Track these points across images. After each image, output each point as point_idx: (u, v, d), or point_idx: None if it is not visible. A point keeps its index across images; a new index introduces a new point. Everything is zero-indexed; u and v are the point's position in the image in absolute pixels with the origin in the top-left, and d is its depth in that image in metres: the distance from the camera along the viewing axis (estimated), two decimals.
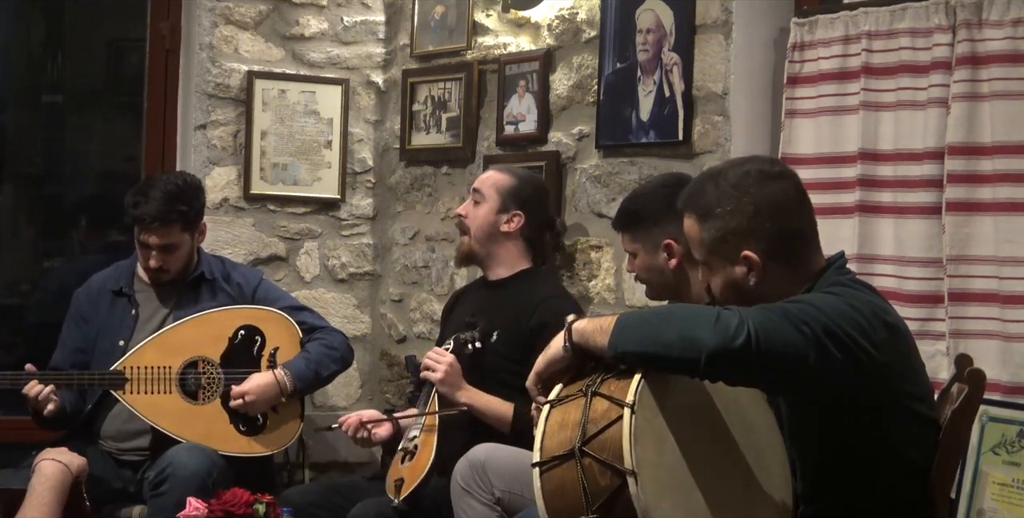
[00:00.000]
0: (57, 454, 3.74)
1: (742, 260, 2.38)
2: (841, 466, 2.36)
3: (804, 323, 2.18)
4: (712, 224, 2.41)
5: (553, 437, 2.22)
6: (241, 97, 4.73)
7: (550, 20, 4.23)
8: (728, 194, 2.39)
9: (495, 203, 3.70)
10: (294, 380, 3.96)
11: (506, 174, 3.77)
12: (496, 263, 3.72)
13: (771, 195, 2.38)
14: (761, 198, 2.38)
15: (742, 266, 2.38)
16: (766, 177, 2.40)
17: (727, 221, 2.39)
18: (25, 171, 5.34)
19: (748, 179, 2.40)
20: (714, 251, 2.42)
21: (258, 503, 3.40)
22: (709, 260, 2.44)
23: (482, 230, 3.69)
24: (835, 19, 3.43)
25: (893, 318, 2.36)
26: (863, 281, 2.45)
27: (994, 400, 3.00)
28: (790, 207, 2.40)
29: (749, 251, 2.37)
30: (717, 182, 2.42)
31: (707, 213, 2.41)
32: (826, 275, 2.39)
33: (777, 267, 2.38)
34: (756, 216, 2.37)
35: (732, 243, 2.39)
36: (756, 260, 2.37)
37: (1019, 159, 3.07)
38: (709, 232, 2.41)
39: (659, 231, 3.08)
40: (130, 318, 4.02)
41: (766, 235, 2.37)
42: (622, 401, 2.16)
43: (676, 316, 2.23)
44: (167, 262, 3.97)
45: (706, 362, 2.14)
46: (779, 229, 2.38)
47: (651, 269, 3.12)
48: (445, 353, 3.50)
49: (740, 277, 2.39)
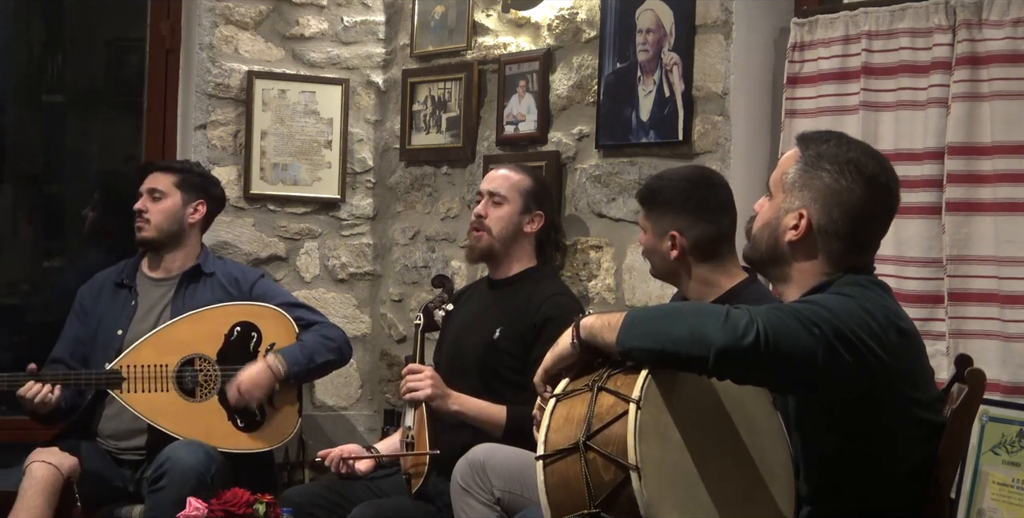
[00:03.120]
0: (47, 455, 3.74)
1: (797, 214, 2.38)
2: (844, 466, 2.36)
3: (814, 324, 2.18)
4: (806, 170, 2.40)
5: (558, 431, 2.23)
6: (241, 97, 4.73)
7: (550, 20, 4.23)
8: (839, 162, 2.38)
9: (518, 204, 3.70)
10: (287, 364, 3.96)
11: (522, 174, 3.77)
12: (509, 261, 3.73)
13: (864, 195, 2.38)
14: (855, 190, 2.37)
15: (794, 218, 2.39)
16: (875, 180, 2.39)
17: (816, 178, 2.39)
18: (25, 171, 5.34)
19: (863, 168, 2.39)
20: (786, 189, 2.42)
21: (258, 503, 3.41)
22: (776, 192, 2.44)
23: (506, 230, 3.69)
24: (835, 19, 3.43)
25: (906, 323, 2.35)
26: (881, 282, 2.43)
27: (994, 400, 3.00)
28: (869, 215, 2.40)
29: (807, 212, 2.37)
30: (840, 146, 2.42)
31: (812, 160, 2.41)
32: (849, 274, 2.38)
33: (817, 245, 2.38)
34: (838, 197, 2.37)
35: (803, 197, 2.39)
36: (804, 223, 2.37)
37: (1019, 159, 3.07)
38: (798, 174, 2.41)
39: (668, 220, 3.08)
40: (129, 308, 4.05)
41: (831, 217, 2.37)
42: (628, 397, 2.17)
43: (685, 313, 2.24)
44: (149, 210, 4.08)
45: (714, 360, 2.14)
46: (843, 223, 2.37)
47: (653, 251, 3.14)
48: (422, 367, 3.51)
49: (783, 227, 2.40)
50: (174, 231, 4.10)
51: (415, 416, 3.47)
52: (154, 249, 4.12)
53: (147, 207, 4.09)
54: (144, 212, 4.08)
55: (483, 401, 3.50)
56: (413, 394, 3.46)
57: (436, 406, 3.47)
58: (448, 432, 3.50)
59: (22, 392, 3.79)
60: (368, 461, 3.67)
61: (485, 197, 3.74)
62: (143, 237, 4.10)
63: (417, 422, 3.46)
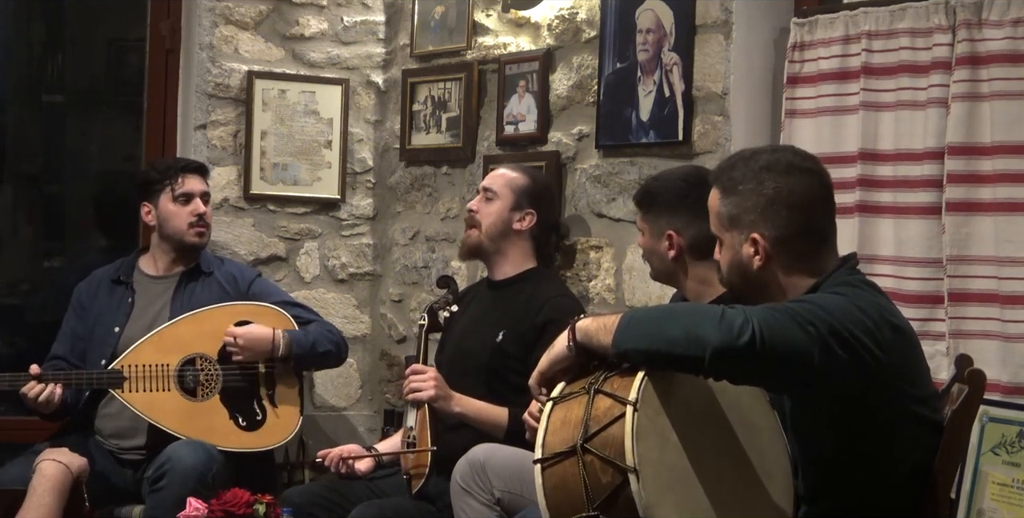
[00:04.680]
0: (58, 454, 3.74)
1: (751, 241, 2.40)
2: (843, 465, 2.36)
3: (810, 323, 2.18)
4: (732, 200, 2.44)
5: (555, 434, 2.23)
6: (241, 97, 4.73)
7: (550, 20, 4.23)
8: (754, 175, 2.42)
9: (509, 201, 3.71)
10: (290, 343, 3.99)
11: (519, 172, 3.78)
12: (503, 261, 3.73)
13: (794, 186, 2.40)
14: (783, 186, 2.40)
15: (749, 247, 2.41)
16: (794, 168, 2.42)
17: (745, 199, 2.41)
18: (25, 171, 5.34)
19: (777, 166, 2.42)
20: (728, 227, 2.45)
21: (258, 503, 3.41)
22: (723, 235, 2.47)
23: (495, 226, 3.70)
24: (835, 19, 3.43)
25: (899, 320, 2.36)
26: (871, 282, 2.45)
27: (994, 400, 2.99)
28: (809, 202, 2.41)
29: (758, 234, 2.39)
30: (748, 162, 2.45)
31: (730, 188, 2.44)
32: (835, 275, 2.39)
33: (784, 257, 2.40)
34: (773, 202, 2.39)
35: (745, 222, 2.41)
36: (762, 244, 2.39)
37: (1019, 159, 3.06)
38: (727, 207, 2.44)
39: (665, 220, 3.11)
40: (127, 305, 4.05)
41: (779, 223, 2.39)
42: (625, 399, 2.17)
43: (680, 314, 2.24)
44: (207, 214, 4.13)
45: (710, 360, 2.15)
46: (793, 220, 2.39)
47: (652, 252, 3.17)
48: (425, 368, 3.51)
49: (746, 258, 2.42)
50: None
51: (417, 417, 3.47)
52: (195, 251, 4.15)
53: (207, 211, 4.14)
54: (205, 215, 4.13)
55: (485, 403, 3.50)
56: (416, 394, 3.46)
57: (438, 407, 3.47)
58: (449, 433, 3.51)
59: (25, 391, 3.80)
60: (368, 461, 3.67)
61: (480, 193, 3.75)
62: (204, 242, 4.17)
63: (419, 423, 3.46)
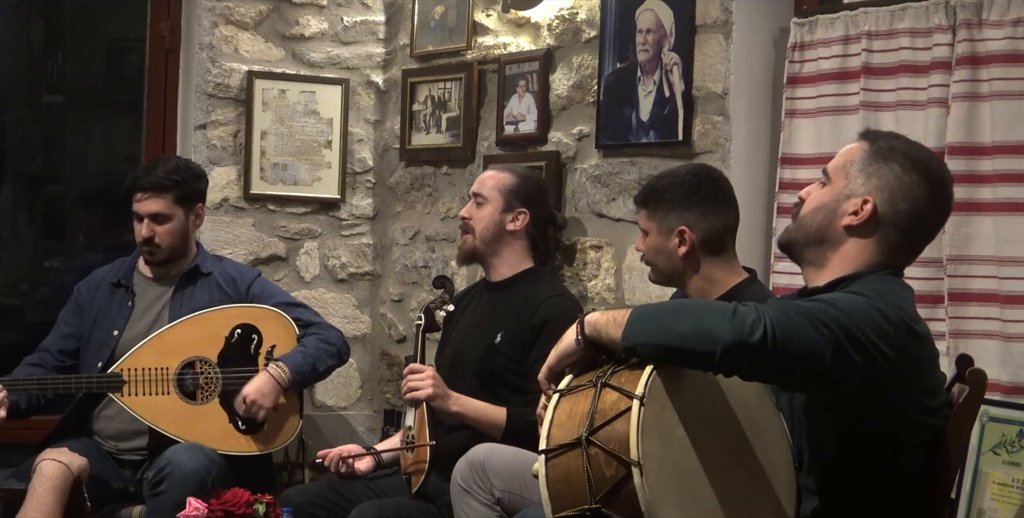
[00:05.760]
0: (58, 454, 3.74)
1: (862, 201, 2.39)
2: (845, 466, 2.36)
3: (823, 324, 2.17)
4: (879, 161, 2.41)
5: (561, 426, 2.23)
6: (241, 97, 4.73)
7: (550, 20, 4.23)
8: (915, 165, 2.40)
9: (499, 203, 3.70)
10: (291, 373, 3.96)
11: (506, 173, 3.77)
12: (500, 262, 3.72)
13: (934, 203, 2.41)
14: (928, 196, 2.39)
15: (855, 204, 2.39)
16: (945, 197, 2.43)
17: (890, 170, 2.40)
18: (25, 171, 5.34)
19: (943, 189, 2.42)
20: (851, 174, 2.42)
21: (258, 503, 3.41)
22: (836, 174, 2.45)
23: (488, 230, 3.69)
24: (835, 19, 3.43)
25: (921, 327, 2.33)
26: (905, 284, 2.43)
27: (994, 400, 3.00)
28: (934, 222, 2.44)
29: (872, 199, 2.38)
30: (918, 150, 2.44)
31: (885, 151, 2.42)
32: (874, 274, 2.38)
33: (873, 234, 2.40)
34: (909, 198, 2.38)
35: (873, 184, 2.40)
36: (871, 209, 2.38)
37: (1019, 159, 3.07)
38: (868, 161, 2.42)
39: (676, 216, 3.06)
40: (126, 309, 4.03)
41: (898, 210, 2.38)
42: (632, 393, 2.16)
43: (692, 309, 2.23)
44: (158, 234, 3.97)
45: (721, 356, 2.14)
46: (908, 219, 2.39)
47: (659, 251, 3.11)
48: (423, 367, 3.51)
49: (843, 209, 2.40)
50: (180, 245, 4.05)
51: (416, 416, 3.47)
52: (165, 264, 4.07)
53: (155, 231, 3.98)
54: (153, 236, 3.98)
55: (483, 402, 3.49)
56: (414, 393, 3.46)
57: (437, 406, 3.47)
58: (448, 433, 3.51)
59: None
60: (368, 461, 3.67)
61: (471, 199, 3.75)
62: (156, 260, 4.03)
63: (418, 422, 3.46)
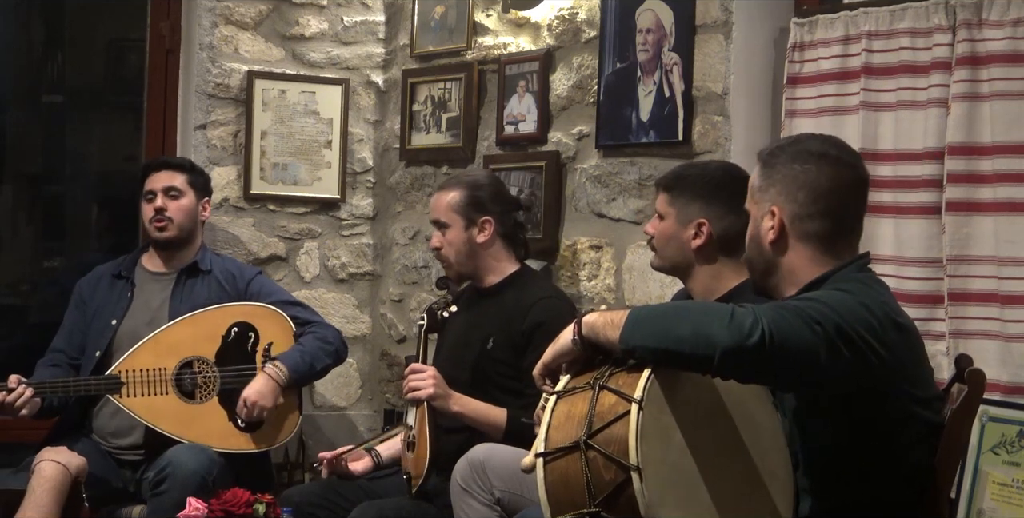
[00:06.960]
0: (56, 455, 3.74)
1: (770, 214, 2.44)
2: (843, 464, 2.37)
3: (817, 322, 2.18)
4: (765, 172, 2.48)
5: (559, 429, 2.23)
6: (241, 97, 4.73)
7: (550, 20, 4.23)
8: (791, 155, 2.46)
9: (460, 222, 3.67)
10: (289, 372, 3.97)
11: (453, 190, 3.71)
12: (486, 273, 3.71)
13: (823, 170, 2.43)
14: (812, 168, 2.43)
15: (768, 220, 2.45)
16: (829, 156, 2.45)
17: (775, 173, 2.46)
18: (25, 171, 5.34)
19: (814, 151, 2.46)
20: (756, 199, 2.49)
21: (258, 503, 3.41)
22: (751, 208, 2.51)
23: (461, 253, 3.68)
24: (835, 19, 3.43)
25: (904, 319, 2.37)
26: (880, 280, 2.46)
27: (994, 400, 2.99)
28: (834, 189, 2.43)
29: (777, 207, 2.43)
30: (793, 144, 2.50)
31: (768, 163, 2.49)
32: (846, 270, 2.40)
33: (798, 235, 2.42)
34: (799, 181, 2.42)
35: (770, 195, 2.45)
36: (779, 217, 2.43)
37: (1019, 159, 3.07)
38: (759, 179, 2.49)
39: (698, 208, 3.03)
40: (125, 299, 4.05)
41: (799, 201, 2.42)
42: (630, 396, 2.16)
43: (690, 312, 2.24)
44: (170, 208, 4.06)
45: (719, 359, 2.14)
46: (812, 202, 2.42)
47: (670, 239, 3.08)
48: (424, 367, 3.50)
49: (763, 230, 2.46)
50: (190, 229, 4.11)
51: (416, 416, 3.47)
52: (172, 248, 4.11)
53: (167, 205, 4.09)
54: (165, 210, 4.08)
55: (484, 403, 3.49)
56: (415, 393, 3.46)
57: (437, 406, 3.46)
58: (449, 433, 3.51)
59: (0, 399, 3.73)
60: (367, 461, 3.68)
61: (434, 228, 3.73)
62: (166, 237, 4.09)
63: (418, 422, 3.46)
